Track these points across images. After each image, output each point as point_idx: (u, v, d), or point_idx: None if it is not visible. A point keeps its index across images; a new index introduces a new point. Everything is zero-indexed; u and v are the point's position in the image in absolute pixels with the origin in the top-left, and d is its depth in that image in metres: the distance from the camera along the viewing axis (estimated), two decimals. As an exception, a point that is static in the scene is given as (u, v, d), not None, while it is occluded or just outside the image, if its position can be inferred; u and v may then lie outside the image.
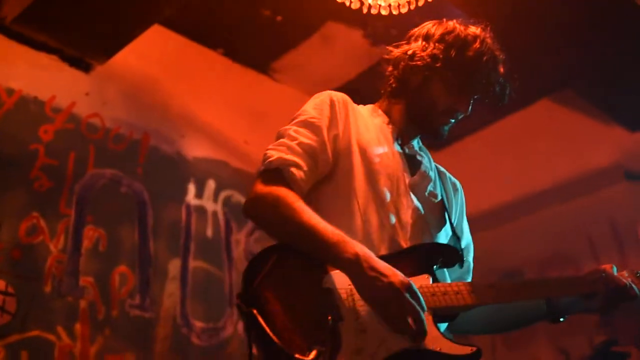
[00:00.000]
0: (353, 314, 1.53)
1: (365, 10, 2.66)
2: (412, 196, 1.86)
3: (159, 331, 3.76)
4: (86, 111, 3.88)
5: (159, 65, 4.27)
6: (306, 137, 1.78)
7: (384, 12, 2.65)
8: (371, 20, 4.00)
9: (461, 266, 1.84)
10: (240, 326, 4.02)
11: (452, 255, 1.79)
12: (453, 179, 2.15)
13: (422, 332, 1.48)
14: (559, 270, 4.60)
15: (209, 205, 4.23)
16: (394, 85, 2.00)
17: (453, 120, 1.96)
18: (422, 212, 1.86)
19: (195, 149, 4.28)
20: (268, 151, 1.79)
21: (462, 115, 1.97)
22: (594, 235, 4.66)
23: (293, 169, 1.71)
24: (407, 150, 1.99)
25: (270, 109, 4.81)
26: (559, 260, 4.76)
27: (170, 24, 4.22)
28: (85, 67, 3.94)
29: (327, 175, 1.81)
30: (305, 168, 1.73)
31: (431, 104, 1.92)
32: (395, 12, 2.66)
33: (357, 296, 1.54)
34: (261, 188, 1.71)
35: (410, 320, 1.47)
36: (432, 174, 2.01)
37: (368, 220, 1.75)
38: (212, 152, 4.37)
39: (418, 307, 1.49)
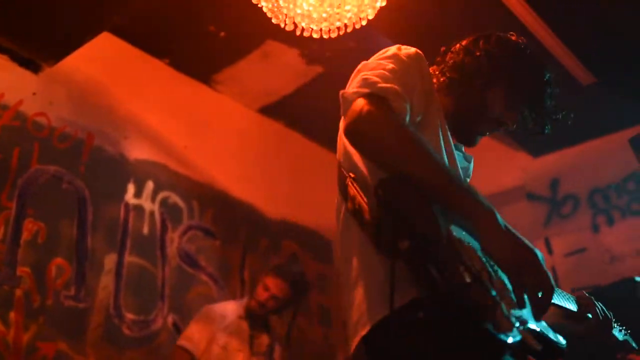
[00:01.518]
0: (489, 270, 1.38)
1: (298, 33, 2.89)
2: None
3: (91, 320, 3.87)
4: (33, 110, 3.98)
5: (107, 71, 4.42)
6: (407, 78, 1.61)
7: (315, 36, 2.87)
8: (307, 42, 4.25)
9: None
10: (170, 319, 4.24)
11: None
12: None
13: (546, 308, 1.37)
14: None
15: (147, 204, 4.39)
16: (452, 75, 1.89)
17: (489, 134, 1.92)
18: None
19: (137, 151, 4.44)
20: (367, 73, 1.59)
21: (500, 130, 1.92)
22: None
23: (404, 105, 1.54)
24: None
25: (210, 117, 5.06)
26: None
27: (119, 32, 4.40)
28: (35, 68, 4.06)
29: (417, 125, 1.64)
30: (408, 107, 1.56)
31: (483, 109, 1.84)
32: (325, 36, 2.90)
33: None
34: (376, 109, 1.47)
35: (539, 291, 1.36)
36: (469, 167, 1.95)
37: None
38: (152, 154, 4.53)
39: (552, 281, 1.38)
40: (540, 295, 1.35)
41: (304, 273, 4.34)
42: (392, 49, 1.72)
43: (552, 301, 1.69)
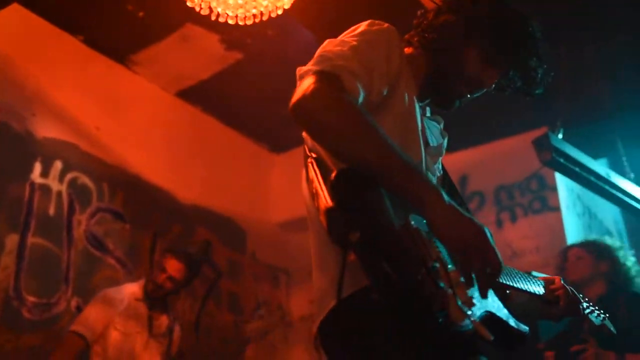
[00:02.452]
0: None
1: (213, 18, 2.87)
2: (428, 165, 1.69)
3: (-11, 302, 3.74)
4: None
5: (16, 44, 4.26)
6: (370, 57, 1.55)
7: (230, 22, 2.86)
8: (228, 28, 4.22)
9: None
10: (74, 303, 4.14)
11: None
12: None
13: (489, 285, 1.39)
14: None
15: (54, 185, 4.27)
16: (428, 35, 1.80)
17: (470, 95, 1.80)
18: None
19: (46, 129, 4.30)
20: (324, 51, 1.54)
21: (479, 92, 1.82)
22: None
23: (357, 84, 1.47)
24: (427, 113, 1.85)
25: (125, 99, 4.96)
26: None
27: (30, 4, 4.25)
28: (-64, 38, 3.88)
29: (377, 106, 1.56)
30: (363, 86, 1.49)
31: (460, 67, 1.74)
32: (241, 23, 2.89)
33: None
34: (325, 87, 1.41)
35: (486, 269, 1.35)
36: (442, 147, 1.87)
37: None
38: (62, 134, 4.40)
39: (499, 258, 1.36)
40: (487, 273, 1.35)
41: (198, 253, 4.33)
42: (363, 25, 1.64)
43: (518, 286, 1.77)
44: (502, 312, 1.51)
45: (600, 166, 4.00)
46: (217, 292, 5.26)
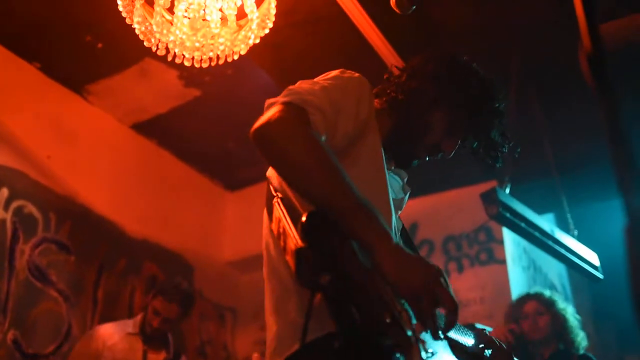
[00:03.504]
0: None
1: (169, 59, 2.89)
2: (394, 218, 1.67)
3: None
4: None
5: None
6: (339, 98, 1.56)
7: (187, 63, 2.87)
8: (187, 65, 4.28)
9: None
10: (10, 335, 4.02)
11: None
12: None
13: (452, 325, 1.36)
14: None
15: None
16: (398, 96, 1.83)
17: (427, 158, 1.85)
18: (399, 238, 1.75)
19: (-7, 156, 4.20)
20: (295, 87, 1.56)
21: (438, 157, 1.86)
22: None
23: (322, 120, 1.48)
24: (390, 167, 1.85)
25: (80, 128, 4.90)
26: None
27: (-13, 30, 4.18)
28: None
29: (342, 151, 1.56)
30: (328, 125, 1.50)
31: (424, 131, 1.79)
32: (197, 65, 2.92)
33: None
34: (290, 117, 1.42)
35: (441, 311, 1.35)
36: (403, 201, 1.89)
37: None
38: (11, 161, 4.32)
39: (455, 299, 1.36)
40: (445, 315, 1.34)
41: (187, 285, 4.32)
42: (335, 72, 1.68)
43: (449, 335, 1.71)
44: None
45: (545, 222, 4.09)
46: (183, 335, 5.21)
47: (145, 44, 2.83)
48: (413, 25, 3.95)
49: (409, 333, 1.24)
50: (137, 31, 2.81)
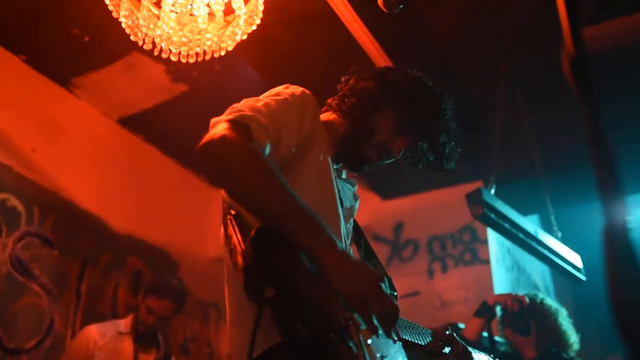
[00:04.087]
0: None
1: (156, 53, 2.87)
2: (342, 226, 1.72)
3: None
4: None
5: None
6: (281, 114, 1.61)
7: (173, 58, 2.85)
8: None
9: None
10: (-9, 329, 4.00)
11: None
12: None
13: (392, 326, 1.44)
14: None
15: None
16: (346, 100, 1.90)
17: (379, 161, 1.87)
18: (348, 245, 1.80)
19: (-24, 148, 4.16)
20: (238, 105, 1.60)
21: (388, 160, 1.89)
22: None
23: (265, 135, 1.53)
24: (342, 176, 1.92)
25: (65, 122, 4.87)
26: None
27: (-29, 20, 4.14)
28: None
29: (287, 164, 1.62)
30: (271, 139, 1.55)
31: (370, 132, 1.83)
32: (183, 60, 2.90)
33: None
34: (233, 134, 1.45)
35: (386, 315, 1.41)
36: (355, 206, 1.94)
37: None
38: (-6, 153, 4.27)
39: (396, 303, 1.44)
40: (387, 317, 1.41)
41: (178, 282, 4.29)
42: (278, 88, 1.73)
43: (404, 337, 1.77)
44: None
45: (529, 223, 4.12)
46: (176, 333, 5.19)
47: (132, 38, 2.82)
48: (402, 26, 3.96)
49: (351, 344, 1.30)
50: (123, 25, 2.79)
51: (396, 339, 1.53)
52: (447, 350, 1.90)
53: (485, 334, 3.53)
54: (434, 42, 4.14)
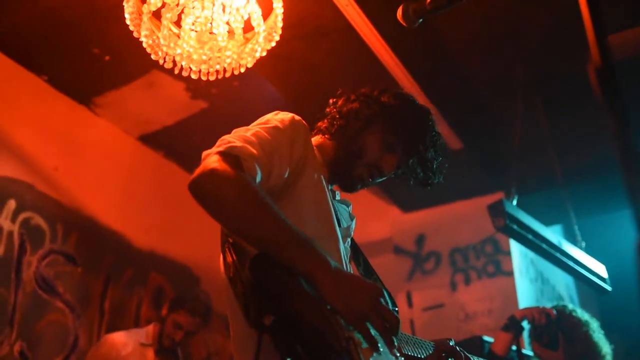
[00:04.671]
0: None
1: (176, 72, 2.90)
2: (341, 245, 1.76)
3: None
4: None
5: (-25, 80, 4.20)
6: (271, 142, 1.64)
7: (194, 76, 2.88)
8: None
9: None
10: (17, 347, 4.02)
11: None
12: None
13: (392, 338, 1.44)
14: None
15: (6, 224, 4.14)
16: (335, 122, 1.94)
17: (371, 180, 1.90)
18: (347, 264, 1.82)
19: (0, 167, 4.21)
20: (229, 136, 1.63)
21: (379, 179, 1.92)
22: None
23: (255, 165, 1.55)
24: (336, 197, 1.95)
25: (87, 140, 4.92)
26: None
27: (-4, 42, 4.22)
28: None
29: (280, 191, 1.66)
30: (262, 169, 1.58)
31: (359, 151, 1.86)
32: (204, 78, 2.93)
33: None
34: (224, 166, 1.48)
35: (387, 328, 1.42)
36: (351, 225, 1.98)
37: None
38: (18, 172, 4.31)
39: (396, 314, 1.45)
40: (388, 330, 1.41)
41: (204, 296, 4.30)
42: (267, 116, 1.76)
43: (406, 352, 1.78)
44: None
45: (552, 234, 4.08)
46: (197, 348, 5.18)
47: (153, 57, 2.84)
48: (420, 38, 3.96)
49: None
50: (144, 44, 2.82)
51: (398, 354, 1.54)
52: None
53: (514, 347, 3.49)
54: (451, 52, 4.13)
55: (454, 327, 5.04)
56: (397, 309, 1.79)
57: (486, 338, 3.83)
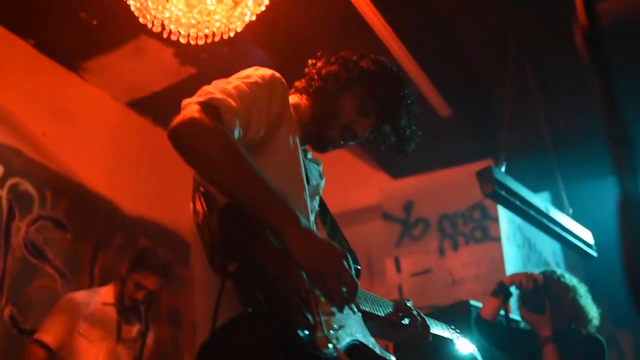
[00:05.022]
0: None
1: (165, 35, 2.87)
2: (308, 202, 1.79)
3: None
4: None
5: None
6: (250, 96, 1.65)
7: (182, 40, 2.86)
8: (183, 42, 4.25)
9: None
10: (7, 311, 4.04)
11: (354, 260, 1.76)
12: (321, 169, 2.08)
13: (350, 302, 1.49)
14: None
15: None
16: (313, 83, 1.95)
17: (343, 143, 1.93)
18: (313, 221, 1.85)
19: (-13, 133, 4.17)
20: (209, 87, 1.64)
21: (352, 142, 1.95)
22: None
23: (234, 118, 1.56)
24: (307, 156, 1.99)
25: (75, 106, 4.88)
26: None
27: (-20, 6, 4.14)
28: None
29: (257, 145, 1.68)
30: (240, 122, 1.59)
31: (335, 113, 1.88)
32: (192, 42, 2.90)
33: None
34: (203, 116, 1.49)
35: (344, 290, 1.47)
36: (320, 184, 2.01)
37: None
38: (6, 138, 4.28)
39: (356, 280, 1.50)
40: (345, 292, 1.47)
41: (165, 252, 4.20)
42: (248, 70, 1.77)
43: (364, 308, 1.85)
44: (369, 340, 1.67)
45: (540, 200, 4.11)
46: (157, 306, 5.18)
47: (141, 20, 2.82)
48: (411, 4, 3.93)
49: (309, 315, 1.39)
50: (132, 7, 2.79)
51: (356, 310, 1.61)
52: (406, 321, 1.98)
53: (502, 312, 3.55)
54: (441, 18, 4.11)
55: (441, 292, 5.09)
56: (359, 267, 1.85)
57: (474, 303, 3.88)
